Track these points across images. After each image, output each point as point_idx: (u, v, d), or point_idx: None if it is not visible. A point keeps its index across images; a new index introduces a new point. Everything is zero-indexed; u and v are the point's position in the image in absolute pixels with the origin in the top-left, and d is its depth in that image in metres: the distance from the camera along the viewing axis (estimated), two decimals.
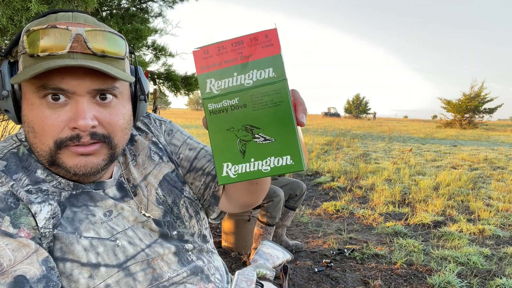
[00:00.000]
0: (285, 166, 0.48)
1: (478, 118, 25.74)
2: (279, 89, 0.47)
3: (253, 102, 0.48)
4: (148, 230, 0.69)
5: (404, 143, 11.28)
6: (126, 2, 3.95)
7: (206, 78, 0.49)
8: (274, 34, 0.47)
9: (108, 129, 0.62)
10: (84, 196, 0.65)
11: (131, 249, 0.65)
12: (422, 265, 2.48)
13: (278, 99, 0.47)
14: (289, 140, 0.47)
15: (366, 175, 5.45)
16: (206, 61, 0.48)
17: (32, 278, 0.53)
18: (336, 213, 3.64)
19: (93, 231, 0.63)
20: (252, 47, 0.47)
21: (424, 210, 3.79)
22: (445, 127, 24.62)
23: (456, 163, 7.01)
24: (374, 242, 2.88)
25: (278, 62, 0.47)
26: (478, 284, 2.25)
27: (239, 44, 0.47)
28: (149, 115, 0.84)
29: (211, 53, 0.48)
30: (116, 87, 0.63)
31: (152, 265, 0.66)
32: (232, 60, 0.48)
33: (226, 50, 0.48)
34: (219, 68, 0.48)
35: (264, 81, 0.47)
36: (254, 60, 0.47)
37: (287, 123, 0.47)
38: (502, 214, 3.71)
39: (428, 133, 16.87)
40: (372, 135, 14.29)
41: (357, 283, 2.21)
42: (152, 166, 0.76)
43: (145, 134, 0.80)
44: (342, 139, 11.36)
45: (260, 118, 0.48)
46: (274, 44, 0.47)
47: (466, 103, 24.60)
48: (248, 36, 0.47)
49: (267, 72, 0.47)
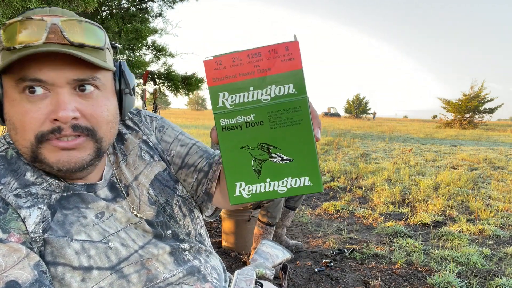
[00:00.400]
0: (303, 187, 0.46)
1: (478, 118, 25.75)
2: (300, 106, 0.44)
3: (270, 120, 0.45)
4: (141, 231, 0.68)
5: (404, 143, 11.28)
6: (126, 2, 3.95)
7: (219, 91, 0.45)
8: (296, 47, 0.44)
9: (91, 122, 0.60)
10: (75, 198, 0.64)
11: (124, 250, 0.64)
12: (422, 265, 2.48)
13: (298, 117, 0.44)
14: (309, 160, 0.45)
15: (366, 175, 5.45)
16: (219, 72, 0.45)
17: (25, 283, 0.52)
18: (336, 213, 3.64)
19: (85, 233, 0.61)
20: (271, 60, 0.44)
21: (424, 210, 3.79)
22: (445, 127, 24.62)
23: (456, 163, 7.01)
24: (374, 242, 2.88)
25: (299, 77, 0.44)
26: (478, 284, 2.25)
27: (256, 56, 0.44)
28: (139, 112, 0.83)
29: (224, 64, 0.44)
30: (97, 77, 0.61)
31: (147, 266, 0.65)
32: (249, 73, 0.44)
33: (242, 62, 0.44)
34: (234, 81, 0.45)
35: (284, 98, 0.44)
36: (273, 74, 0.44)
37: (307, 143, 0.45)
38: (502, 214, 3.71)
39: (428, 133, 16.87)
40: (372, 135, 14.29)
41: (357, 283, 2.21)
42: (143, 166, 0.75)
43: (135, 133, 0.78)
44: (342, 139, 11.36)
45: (278, 136, 0.45)
46: (296, 58, 0.44)
47: (466, 103, 24.60)
48: (266, 48, 0.44)
49: (287, 88, 0.44)
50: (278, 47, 0.44)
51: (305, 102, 0.44)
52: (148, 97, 4.23)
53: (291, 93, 0.44)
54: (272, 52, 0.44)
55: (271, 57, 0.44)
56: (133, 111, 0.82)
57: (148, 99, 4.25)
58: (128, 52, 3.95)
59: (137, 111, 0.83)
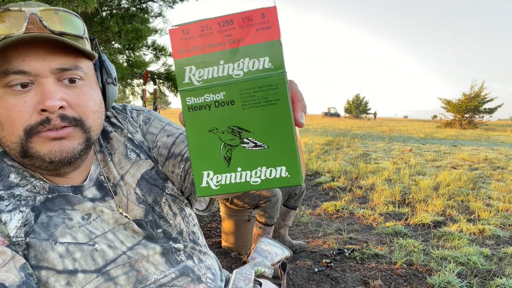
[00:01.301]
0: (279, 179, 0.39)
1: (478, 118, 25.75)
2: (276, 84, 0.38)
3: (242, 99, 0.38)
4: (131, 231, 0.67)
5: (404, 143, 11.28)
6: (126, 2, 3.95)
7: (185, 64, 0.39)
8: (273, 13, 0.37)
9: (78, 111, 0.60)
10: (61, 199, 0.62)
11: (111, 252, 0.62)
12: (422, 265, 2.48)
13: (274, 96, 0.38)
14: (286, 147, 0.39)
15: (366, 175, 5.45)
16: (185, 43, 0.38)
17: (12, 285, 0.51)
18: (336, 213, 3.64)
19: (70, 236, 0.60)
20: (244, 29, 0.37)
21: (424, 210, 3.79)
22: (445, 127, 24.61)
23: (456, 163, 7.01)
24: (374, 242, 2.88)
25: (277, 49, 0.37)
26: (478, 284, 2.25)
27: (228, 24, 0.37)
28: (125, 107, 0.81)
29: (192, 34, 0.38)
30: (80, 66, 0.60)
31: (136, 267, 0.64)
32: (219, 44, 0.38)
33: (212, 30, 0.38)
34: (202, 53, 0.38)
35: (258, 73, 0.38)
36: (247, 45, 0.38)
37: (285, 126, 0.38)
38: (502, 214, 3.71)
39: (428, 133, 16.87)
40: (372, 135, 14.29)
41: (357, 283, 2.21)
42: (128, 165, 0.73)
43: (120, 130, 0.76)
44: (342, 139, 11.36)
45: (250, 118, 0.39)
46: (273, 26, 0.37)
47: (466, 103, 24.60)
48: (239, 14, 0.37)
49: (262, 62, 0.37)
50: (253, 13, 0.37)
51: (282, 79, 0.38)
52: (148, 97, 4.23)
53: (267, 67, 0.38)
54: (246, 19, 0.37)
55: (245, 26, 0.37)
56: (118, 107, 0.80)
57: (148, 99, 4.25)
58: (128, 52, 3.95)
59: (123, 106, 0.81)
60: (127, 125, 0.77)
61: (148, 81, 4.09)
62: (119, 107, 0.80)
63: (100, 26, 3.48)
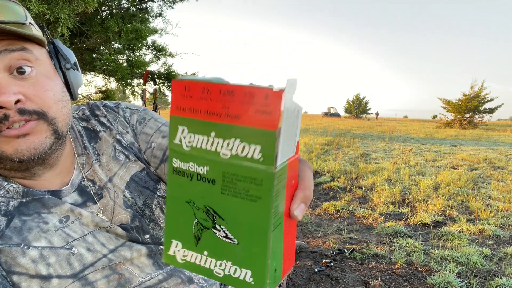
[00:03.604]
0: (241, 281, 0.35)
1: (478, 118, 25.74)
2: (261, 180, 0.32)
3: (224, 182, 0.34)
4: (114, 234, 0.64)
5: (404, 143, 11.28)
6: (126, 2, 3.95)
7: (179, 123, 0.35)
8: (277, 99, 0.31)
9: (38, 103, 0.56)
10: (36, 203, 0.60)
11: (90, 256, 0.60)
12: (422, 265, 2.48)
13: (257, 192, 0.33)
14: (256, 251, 0.34)
15: (366, 175, 5.45)
16: (185, 101, 0.35)
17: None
18: (336, 213, 3.64)
19: (45, 239, 0.57)
20: (243, 106, 0.32)
21: (424, 210, 3.79)
22: (445, 127, 24.61)
23: (456, 163, 7.01)
24: (374, 242, 2.88)
25: (270, 142, 0.32)
26: (478, 284, 2.25)
27: (228, 94, 0.33)
28: (118, 105, 0.77)
29: (192, 93, 0.34)
30: (28, 49, 0.57)
31: (118, 270, 0.62)
32: (215, 114, 0.34)
33: (211, 96, 0.34)
34: (197, 117, 0.35)
35: (245, 161, 0.33)
36: (241, 125, 0.33)
37: (260, 229, 0.33)
38: (502, 214, 3.71)
39: (428, 133, 16.87)
40: (372, 135, 14.29)
41: (357, 283, 2.21)
42: (117, 167, 0.70)
43: (109, 131, 0.73)
44: (342, 139, 11.36)
45: (227, 206, 0.34)
46: (273, 113, 0.31)
47: (466, 103, 24.60)
48: (242, 88, 0.33)
49: (252, 150, 0.32)
50: (256, 91, 0.32)
51: (269, 177, 0.32)
52: (148, 97, 4.23)
53: (256, 158, 0.32)
54: (247, 95, 0.32)
55: (245, 102, 0.32)
56: (111, 105, 0.77)
57: (148, 99, 4.25)
58: (128, 52, 3.95)
59: (116, 104, 0.77)
60: (117, 126, 0.74)
61: (148, 81, 4.09)
62: (111, 105, 0.77)
63: (100, 26, 3.47)
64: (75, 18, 2.65)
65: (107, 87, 4.46)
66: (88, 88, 4.80)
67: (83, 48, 3.61)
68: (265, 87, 0.32)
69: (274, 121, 0.32)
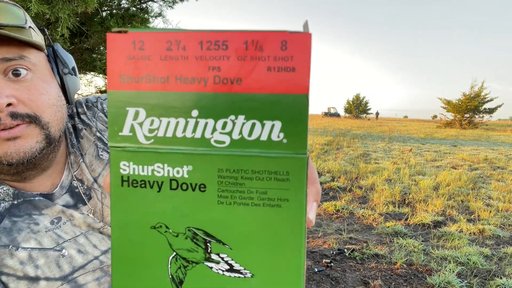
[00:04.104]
0: None
1: (478, 118, 25.74)
2: (288, 171, 0.22)
3: (221, 185, 0.23)
4: (107, 236, 0.63)
5: (404, 143, 11.28)
6: (126, 2, 3.95)
7: (127, 103, 0.23)
8: (304, 45, 0.21)
9: (31, 107, 0.55)
10: (27, 205, 0.59)
11: (80, 258, 0.59)
12: (422, 265, 2.48)
13: (280, 193, 0.22)
14: (285, 282, 0.23)
15: (366, 175, 5.45)
16: (134, 64, 0.22)
17: None
18: (336, 213, 3.64)
19: (35, 240, 0.56)
20: (245, 63, 0.21)
21: (424, 210, 3.79)
22: (445, 127, 24.61)
23: (456, 163, 7.01)
24: (374, 242, 2.88)
25: (298, 113, 0.22)
26: (478, 284, 2.25)
27: (217, 46, 0.21)
28: (98, 99, 0.75)
29: (148, 50, 0.22)
30: (26, 56, 0.56)
31: (110, 272, 0.61)
32: (195, 79, 0.22)
33: (186, 52, 0.22)
34: (162, 89, 0.22)
35: (258, 147, 0.22)
36: (245, 93, 0.22)
37: (289, 249, 0.23)
38: (502, 214, 3.71)
39: (428, 133, 16.87)
40: (372, 135, 14.29)
41: (357, 283, 2.21)
42: (101, 167, 0.68)
43: (89, 128, 0.71)
44: (342, 139, 11.36)
45: (229, 222, 0.23)
46: (299, 68, 0.21)
47: (466, 103, 24.59)
48: (241, 35, 0.21)
49: (268, 129, 0.22)
50: (267, 37, 0.21)
51: (300, 166, 0.22)
52: None
53: (275, 140, 0.22)
54: (252, 45, 0.21)
55: (248, 56, 0.21)
56: (91, 101, 0.75)
57: None
58: None
59: (96, 99, 0.75)
60: (96, 123, 0.72)
61: None
62: (93, 100, 0.75)
63: (100, 26, 3.48)
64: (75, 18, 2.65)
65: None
66: (88, 88, 4.80)
67: (83, 48, 3.60)
68: (279, 30, 0.21)
69: (302, 79, 0.21)
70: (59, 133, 0.60)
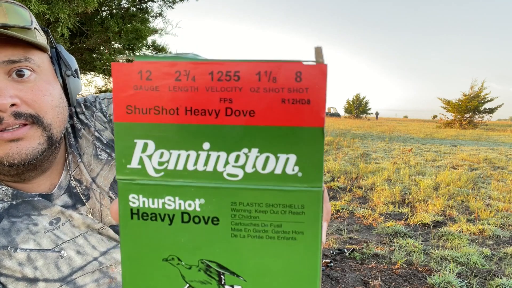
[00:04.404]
0: None
1: (478, 118, 25.75)
2: (303, 205, 0.22)
3: (235, 219, 0.23)
4: (106, 236, 0.63)
5: (404, 143, 11.28)
6: (126, 2, 3.96)
7: (136, 135, 0.22)
8: (318, 77, 0.20)
9: (34, 108, 0.55)
10: (26, 205, 0.59)
11: (79, 259, 0.59)
12: (422, 265, 2.48)
13: (296, 226, 0.22)
14: None
15: (366, 175, 5.45)
16: (141, 96, 0.22)
17: None
18: (336, 213, 3.64)
19: (33, 241, 0.56)
20: (258, 95, 0.21)
21: (424, 210, 3.79)
22: (445, 127, 24.61)
23: (456, 163, 7.01)
24: (374, 242, 2.88)
25: (314, 146, 0.21)
26: (478, 284, 2.25)
27: (228, 77, 0.21)
28: (96, 98, 0.75)
29: (156, 80, 0.22)
30: (30, 58, 0.56)
31: (109, 274, 0.60)
32: (205, 111, 0.21)
33: (196, 83, 0.21)
34: (171, 120, 0.22)
35: (272, 181, 0.22)
36: (258, 125, 0.21)
37: (304, 280, 0.23)
38: (502, 214, 3.71)
39: (428, 133, 16.87)
40: (372, 135, 14.29)
41: (357, 283, 2.21)
42: (99, 167, 0.68)
43: (87, 128, 0.71)
44: (342, 139, 11.36)
45: (244, 255, 0.23)
46: (315, 100, 0.21)
47: (466, 103, 24.59)
48: (253, 66, 0.21)
49: (282, 162, 0.22)
50: (281, 68, 0.21)
51: (316, 199, 0.22)
52: None
53: (290, 174, 0.22)
54: (265, 75, 0.21)
55: (261, 88, 0.21)
56: (89, 100, 0.75)
57: None
58: (128, 52, 3.95)
59: (95, 98, 0.75)
60: (94, 122, 0.72)
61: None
62: (91, 99, 0.75)
63: (100, 26, 3.48)
64: (75, 18, 2.66)
65: (107, 87, 4.46)
66: (88, 88, 4.80)
67: (83, 48, 3.61)
68: (293, 60, 0.20)
69: (318, 112, 0.21)
70: (61, 134, 0.60)
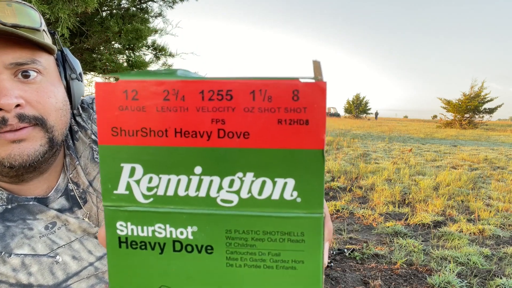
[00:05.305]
0: None
1: (478, 118, 25.75)
2: (302, 232, 0.21)
3: (230, 247, 0.21)
4: None
5: (404, 143, 11.28)
6: (126, 2, 3.96)
7: (122, 159, 0.21)
8: (317, 95, 0.19)
9: (38, 109, 0.54)
10: (21, 209, 0.58)
11: (75, 265, 0.58)
12: (422, 265, 2.48)
13: (295, 254, 0.21)
14: None
15: (366, 175, 5.45)
16: (128, 116, 0.20)
17: None
18: (336, 213, 3.64)
19: (28, 246, 0.55)
20: (252, 115, 0.20)
21: (424, 210, 3.79)
22: (445, 127, 24.61)
23: (456, 163, 7.01)
24: (374, 242, 2.88)
25: (313, 170, 0.20)
26: (478, 284, 2.25)
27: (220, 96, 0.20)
28: (93, 100, 0.75)
29: (143, 100, 0.20)
30: (38, 60, 0.55)
31: (105, 279, 0.60)
32: (196, 133, 0.20)
33: (185, 103, 0.20)
34: (159, 143, 0.20)
35: (269, 207, 0.21)
36: (253, 148, 0.20)
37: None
38: (502, 214, 3.71)
39: (428, 133, 16.87)
40: (372, 135, 14.29)
41: (357, 283, 2.21)
42: (96, 170, 0.68)
43: (84, 131, 0.70)
44: (342, 139, 11.36)
45: (242, 286, 0.22)
46: (313, 121, 0.19)
47: (466, 103, 24.59)
48: (247, 84, 0.19)
49: (280, 187, 0.20)
50: (276, 86, 0.19)
51: (316, 226, 0.21)
52: None
53: (288, 199, 0.20)
54: (259, 94, 0.19)
55: (256, 108, 0.20)
56: (86, 102, 0.75)
57: None
58: (128, 52, 3.95)
59: (92, 100, 0.75)
60: (91, 125, 0.71)
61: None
62: (87, 101, 0.74)
63: (100, 26, 3.48)
64: (75, 18, 2.66)
65: None
66: (88, 88, 4.81)
67: (83, 48, 3.61)
68: (288, 79, 0.19)
69: (317, 133, 0.19)
70: (62, 137, 0.60)
